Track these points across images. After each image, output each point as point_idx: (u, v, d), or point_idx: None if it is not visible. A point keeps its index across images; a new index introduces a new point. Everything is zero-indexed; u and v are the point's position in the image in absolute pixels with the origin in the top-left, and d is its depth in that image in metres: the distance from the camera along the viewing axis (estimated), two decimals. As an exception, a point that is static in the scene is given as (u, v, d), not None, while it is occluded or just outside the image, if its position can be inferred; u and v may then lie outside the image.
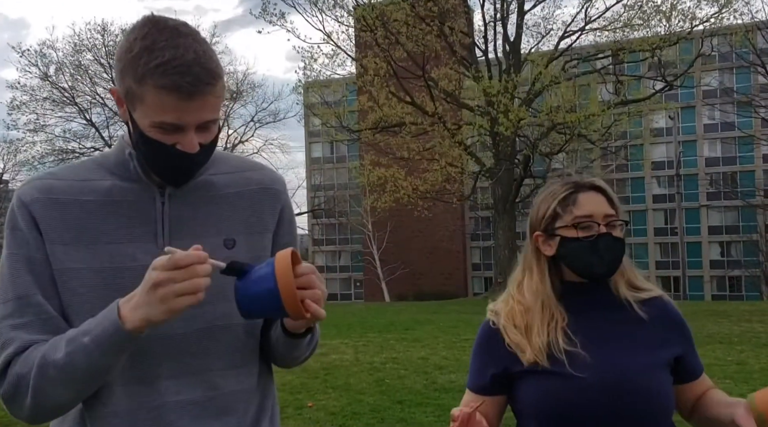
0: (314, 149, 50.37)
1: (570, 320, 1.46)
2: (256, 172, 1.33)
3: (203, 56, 1.11)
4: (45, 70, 30.21)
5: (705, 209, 43.06)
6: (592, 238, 1.44)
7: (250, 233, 1.27)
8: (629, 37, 21.57)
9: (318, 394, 6.74)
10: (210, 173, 1.27)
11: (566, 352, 1.42)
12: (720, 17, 20.70)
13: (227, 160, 1.33)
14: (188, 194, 1.24)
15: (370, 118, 22.41)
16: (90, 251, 1.18)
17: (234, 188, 1.28)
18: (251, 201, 1.29)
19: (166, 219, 1.22)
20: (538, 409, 1.45)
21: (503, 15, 22.26)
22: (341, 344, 10.20)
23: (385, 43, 21.01)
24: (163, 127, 1.13)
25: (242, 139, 35.02)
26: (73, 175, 1.24)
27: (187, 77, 1.09)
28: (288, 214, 1.35)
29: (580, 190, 1.49)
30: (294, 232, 1.38)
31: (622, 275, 1.50)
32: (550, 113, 20.58)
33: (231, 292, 1.18)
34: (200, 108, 1.12)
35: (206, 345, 1.21)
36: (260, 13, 21.61)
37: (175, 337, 1.19)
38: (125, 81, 1.12)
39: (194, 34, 1.13)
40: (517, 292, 1.53)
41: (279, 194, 1.33)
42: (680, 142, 37.64)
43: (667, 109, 31.55)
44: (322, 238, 49.39)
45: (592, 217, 1.45)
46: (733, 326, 11.92)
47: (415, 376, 7.56)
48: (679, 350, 1.48)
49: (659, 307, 1.50)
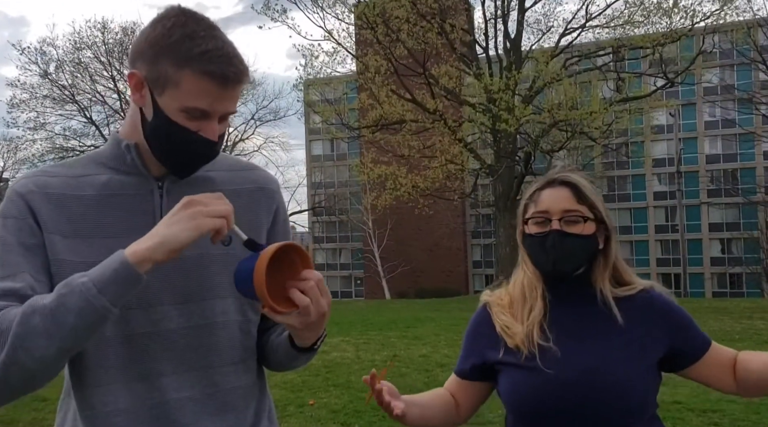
0: (315, 147, 50.34)
1: (548, 313, 1.47)
2: (252, 172, 1.35)
3: (236, 51, 1.16)
4: (45, 67, 30.23)
5: (706, 206, 43.03)
6: (542, 234, 1.45)
7: (247, 231, 1.25)
8: (630, 34, 21.54)
9: (319, 392, 6.74)
10: (207, 170, 1.28)
11: (539, 346, 1.42)
12: (721, 14, 20.67)
13: (223, 159, 1.34)
14: (186, 188, 1.23)
15: (370, 115, 22.39)
16: (88, 245, 1.17)
17: (232, 186, 1.29)
18: (248, 199, 1.30)
19: (164, 211, 1.20)
20: (510, 402, 1.48)
21: (504, 12, 22.22)
22: (342, 341, 10.21)
23: (386, 40, 20.97)
24: (192, 113, 1.14)
25: (243, 137, 35.08)
26: (68, 172, 1.23)
27: (231, 67, 1.13)
28: (282, 214, 1.36)
29: (549, 186, 1.49)
30: (287, 231, 1.39)
31: (604, 270, 1.48)
32: (551, 110, 20.56)
33: (229, 289, 1.20)
34: (231, 98, 1.16)
35: (206, 341, 1.21)
36: (262, 8, 21.58)
37: (175, 333, 1.19)
38: (160, 64, 1.13)
39: (218, 28, 1.17)
40: (511, 283, 1.56)
41: (274, 194, 1.35)
42: (681, 139, 37.67)
43: (667, 106, 31.46)
44: (323, 235, 49.39)
45: (547, 213, 1.45)
46: (734, 323, 11.94)
47: (416, 374, 7.56)
48: (667, 341, 1.45)
49: (643, 301, 1.47)
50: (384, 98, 21.15)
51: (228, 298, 1.23)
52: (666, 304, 1.49)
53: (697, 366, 1.49)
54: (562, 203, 1.45)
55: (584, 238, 1.44)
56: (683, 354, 1.48)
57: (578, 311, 1.47)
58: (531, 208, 1.49)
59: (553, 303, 1.48)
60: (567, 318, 1.47)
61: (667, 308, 1.49)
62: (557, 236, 1.43)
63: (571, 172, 1.52)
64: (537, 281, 1.50)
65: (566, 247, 1.43)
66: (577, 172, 1.52)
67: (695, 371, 1.49)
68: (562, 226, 1.44)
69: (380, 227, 40.55)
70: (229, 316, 1.23)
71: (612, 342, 1.43)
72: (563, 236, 1.43)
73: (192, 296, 1.21)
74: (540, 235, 1.45)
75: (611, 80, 23.07)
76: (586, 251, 1.45)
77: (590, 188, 1.48)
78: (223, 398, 1.23)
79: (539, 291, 1.49)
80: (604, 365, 1.40)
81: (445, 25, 20.46)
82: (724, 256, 42.88)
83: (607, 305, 1.45)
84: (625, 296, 1.47)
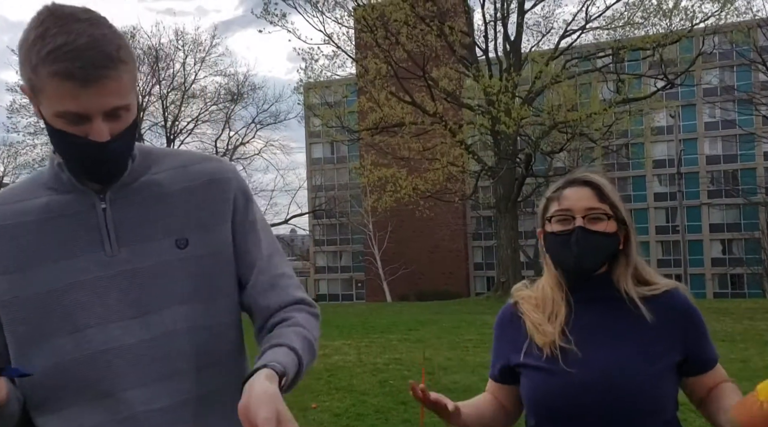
0: (315, 150, 50.37)
1: (572, 315, 1.47)
2: (203, 165, 1.26)
3: (101, 40, 1.05)
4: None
5: (706, 207, 43.03)
6: (566, 232, 1.45)
7: (204, 230, 1.21)
8: (630, 35, 21.56)
9: (322, 395, 6.73)
10: (153, 172, 1.21)
11: (561, 348, 1.43)
12: (721, 15, 20.69)
13: (173, 156, 1.27)
14: (132, 196, 1.18)
15: (370, 118, 22.42)
16: (37, 274, 1.13)
17: (181, 184, 1.22)
18: (201, 196, 1.23)
19: (110, 224, 1.16)
20: (530, 404, 1.49)
21: (503, 14, 22.25)
22: (344, 344, 10.20)
23: (386, 43, 21.01)
24: (67, 117, 1.06)
25: (243, 140, 35.12)
26: (8, 199, 1.19)
27: (78, 62, 1.02)
28: (242, 198, 1.27)
29: (570, 186, 1.50)
30: (252, 211, 1.28)
31: (626, 269, 1.48)
32: (551, 112, 20.59)
33: (191, 293, 1.17)
34: (100, 94, 1.05)
35: (171, 350, 1.16)
36: (262, 13, 21.62)
37: (135, 346, 1.15)
38: (26, 72, 1.07)
39: (94, 19, 1.07)
40: (536, 286, 1.57)
41: (229, 182, 1.26)
42: (681, 140, 37.63)
43: (668, 107, 31.52)
44: (323, 238, 49.39)
45: (570, 210, 1.46)
46: (735, 323, 11.91)
47: (418, 377, 7.53)
48: (686, 344, 1.46)
49: (667, 302, 1.47)
50: (384, 101, 21.18)
51: (189, 302, 1.18)
52: (687, 307, 1.49)
53: (699, 378, 1.50)
54: (585, 201, 1.46)
55: (607, 236, 1.45)
56: (694, 362, 1.48)
57: (601, 311, 1.47)
58: (553, 207, 1.49)
59: (576, 305, 1.48)
60: (589, 319, 1.47)
61: (688, 310, 1.49)
62: (581, 232, 1.44)
63: (592, 172, 1.53)
64: (559, 285, 1.50)
65: (590, 244, 1.44)
66: (598, 173, 1.54)
67: (692, 381, 1.50)
68: (586, 223, 1.44)
69: (381, 230, 40.55)
70: (195, 321, 1.18)
71: (633, 343, 1.43)
72: (587, 232, 1.44)
73: (151, 307, 1.16)
74: (564, 232, 1.45)
75: (611, 82, 23.09)
76: (608, 248, 1.46)
77: (611, 188, 1.50)
78: (196, 405, 1.18)
79: (563, 294, 1.49)
80: (624, 367, 1.40)
81: (444, 27, 20.49)
82: (725, 257, 42.86)
83: (632, 303, 1.45)
84: (649, 295, 1.46)
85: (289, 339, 1.15)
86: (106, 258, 1.15)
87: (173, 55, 36.29)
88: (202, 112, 34.15)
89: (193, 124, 34.28)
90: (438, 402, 1.39)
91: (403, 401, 6.31)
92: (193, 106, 34.30)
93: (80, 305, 1.12)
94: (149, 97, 32.86)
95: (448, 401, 1.39)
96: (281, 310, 1.23)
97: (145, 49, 31.87)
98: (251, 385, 1.01)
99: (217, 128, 35.35)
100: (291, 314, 1.22)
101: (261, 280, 1.24)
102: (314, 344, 1.21)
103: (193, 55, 42.39)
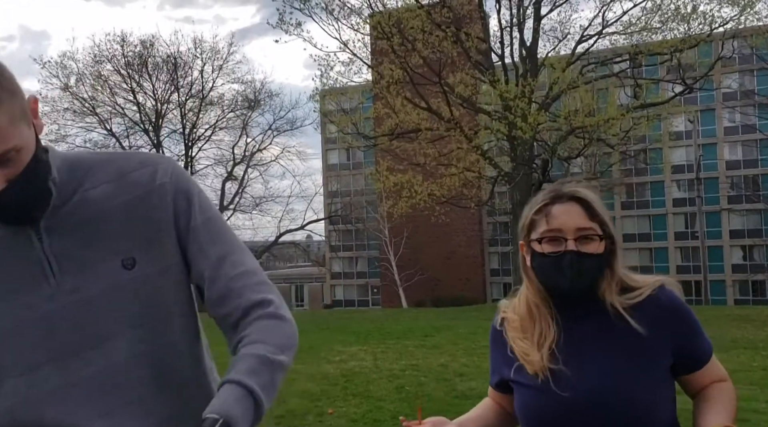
0: (331, 156, 50.52)
1: (559, 332, 1.43)
2: (137, 173, 1.16)
3: None
4: (66, 81, 30.76)
5: (726, 213, 42.44)
6: (557, 254, 1.39)
7: (150, 245, 1.14)
8: (647, 40, 21.40)
9: (338, 401, 6.74)
10: (86, 188, 1.13)
11: (551, 370, 1.40)
12: (741, 19, 20.47)
13: (105, 166, 1.17)
14: (67, 220, 1.10)
15: (386, 124, 22.46)
16: None
17: (117, 198, 1.14)
18: (141, 209, 1.14)
19: (51, 255, 1.09)
20: (523, 420, 1.47)
21: (519, 20, 22.21)
22: (360, 350, 10.20)
23: (401, 50, 21.06)
24: None
25: (260, 147, 35.37)
26: None
27: None
28: (183, 203, 1.17)
29: (558, 201, 1.42)
30: (194, 215, 1.17)
31: (611, 284, 1.43)
32: (568, 117, 20.48)
33: (142, 317, 1.12)
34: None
35: (129, 375, 1.12)
36: (277, 23, 21.75)
37: (93, 376, 1.10)
38: None
39: None
40: (519, 298, 1.53)
41: (164, 187, 1.16)
42: (700, 145, 37.20)
43: (686, 112, 31.19)
44: (339, 244, 49.44)
45: (561, 231, 1.39)
46: (757, 330, 11.72)
47: (435, 383, 7.53)
48: (675, 343, 1.41)
49: (652, 304, 1.42)
50: (399, 107, 21.21)
51: (143, 325, 1.13)
52: (674, 305, 1.43)
53: (692, 376, 1.46)
54: (575, 220, 1.39)
55: (597, 257, 1.39)
56: (684, 360, 1.44)
57: (588, 327, 1.44)
58: (541, 226, 1.42)
59: (563, 319, 1.45)
60: (578, 336, 1.44)
61: (675, 308, 1.43)
62: (574, 256, 1.37)
63: (578, 185, 1.45)
64: (543, 300, 1.45)
65: (583, 267, 1.38)
66: (584, 185, 1.46)
67: (686, 379, 1.47)
68: (578, 245, 1.38)
69: (396, 235, 40.52)
70: (151, 343, 1.14)
71: (621, 357, 1.40)
72: (580, 256, 1.37)
73: (105, 334, 1.11)
74: (555, 255, 1.39)
75: (628, 86, 22.92)
76: (600, 269, 1.41)
77: (599, 203, 1.43)
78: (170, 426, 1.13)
79: (548, 311, 1.45)
80: (614, 383, 1.37)
81: (460, 33, 20.50)
82: (746, 263, 42.20)
83: (618, 316, 1.41)
84: (635, 302, 1.42)
85: (234, 370, 1.08)
86: (51, 291, 1.09)
87: (191, 63, 36.64)
88: (219, 119, 34.51)
89: (210, 131, 34.64)
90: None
91: (421, 407, 6.30)
92: (210, 113, 34.67)
93: (30, 344, 1.08)
94: (168, 104, 33.26)
95: (447, 423, 1.36)
96: (239, 323, 1.15)
97: (164, 57, 32.32)
98: None
99: (235, 135, 35.69)
100: (247, 332, 1.14)
101: (214, 290, 1.17)
102: (269, 352, 1.11)
103: (211, 62, 43.01)
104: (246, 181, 35.38)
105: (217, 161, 35.72)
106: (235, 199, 34.82)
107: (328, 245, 49.52)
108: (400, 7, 21.29)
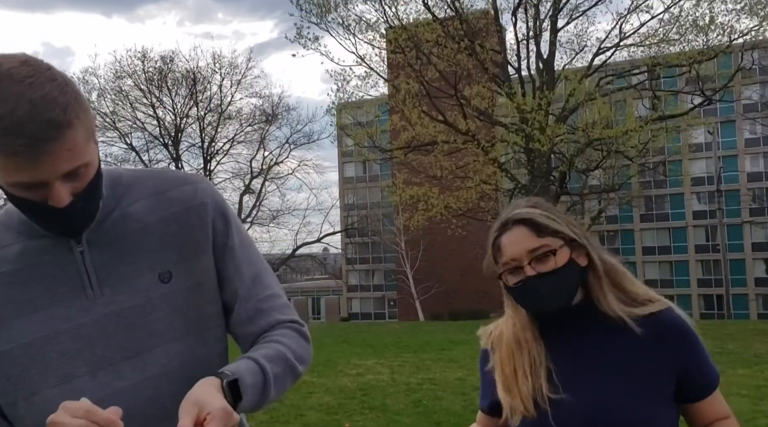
0: (347, 169, 50.73)
1: (551, 356, 1.39)
2: (177, 190, 1.20)
3: (43, 105, 0.95)
4: (87, 96, 31.15)
5: (748, 225, 41.83)
6: (520, 284, 1.37)
7: (186, 260, 1.16)
8: (665, 52, 21.28)
9: (355, 415, 6.71)
10: (126, 204, 1.17)
11: (550, 400, 1.36)
12: (760, 30, 20.29)
13: (144, 180, 1.21)
14: (107, 234, 1.14)
15: (402, 137, 22.51)
16: (19, 326, 1.10)
17: (156, 214, 1.17)
18: (180, 225, 1.18)
19: (90, 268, 1.12)
20: None
21: (536, 33, 22.21)
22: (377, 364, 10.16)
23: (417, 63, 21.14)
24: (21, 186, 1.01)
25: (277, 160, 35.60)
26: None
27: (21, 139, 0.94)
28: (220, 223, 1.21)
29: (505, 231, 1.40)
30: (232, 236, 1.22)
31: (600, 285, 1.38)
32: (586, 129, 20.38)
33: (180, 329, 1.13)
34: (52, 164, 0.98)
35: (163, 388, 1.13)
36: (295, 37, 21.97)
37: (128, 389, 1.11)
38: None
39: (31, 76, 0.97)
40: (504, 322, 1.50)
41: (206, 207, 1.20)
42: (720, 157, 36.83)
43: (706, 124, 30.88)
44: (356, 257, 49.48)
45: (516, 259, 1.37)
46: (781, 346, 11.49)
47: (452, 397, 7.47)
48: (679, 369, 1.37)
49: (657, 324, 1.37)
50: (416, 120, 21.25)
51: (181, 338, 1.15)
52: (680, 329, 1.39)
53: (693, 406, 1.41)
54: (523, 244, 1.36)
55: (561, 270, 1.35)
56: (688, 388, 1.39)
57: (584, 342, 1.40)
58: (498, 259, 1.41)
59: (553, 341, 1.41)
60: (573, 354, 1.39)
61: (681, 333, 1.38)
62: (534, 281, 1.35)
63: (519, 207, 1.43)
64: (528, 322, 1.43)
65: (547, 287, 1.35)
66: (526, 204, 1.43)
67: (689, 409, 1.42)
68: (534, 266, 1.35)
69: (413, 248, 40.45)
70: (188, 355, 1.15)
71: (623, 379, 1.35)
72: (539, 278, 1.35)
73: (142, 347, 1.12)
74: (518, 285, 1.38)
75: (647, 98, 22.78)
76: (570, 280, 1.37)
77: (545, 215, 1.39)
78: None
79: (533, 334, 1.42)
80: (619, 408, 1.33)
81: (476, 46, 20.54)
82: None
83: (618, 327, 1.36)
84: (638, 314, 1.37)
85: (253, 351, 1.13)
86: (88, 303, 1.11)
87: (210, 77, 37.06)
88: (237, 133, 34.81)
89: (229, 144, 34.94)
90: None
91: (437, 422, 6.24)
92: (229, 127, 34.99)
93: (65, 355, 1.09)
94: (187, 119, 33.65)
95: None
96: (264, 333, 1.20)
97: (184, 72, 32.72)
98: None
99: (252, 148, 35.94)
100: (269, 333, 1.19)
101: (245, 308, 1.21)
102: (288, 353, 1.15)
103: (230, 77, 43.51)
104: (263, 194, 35.59)
105: (234, 175, 35.98)
106: (253, 212, 35.01)
107: (345, 257, 49.57)
108: (414, 20, 21.41)
